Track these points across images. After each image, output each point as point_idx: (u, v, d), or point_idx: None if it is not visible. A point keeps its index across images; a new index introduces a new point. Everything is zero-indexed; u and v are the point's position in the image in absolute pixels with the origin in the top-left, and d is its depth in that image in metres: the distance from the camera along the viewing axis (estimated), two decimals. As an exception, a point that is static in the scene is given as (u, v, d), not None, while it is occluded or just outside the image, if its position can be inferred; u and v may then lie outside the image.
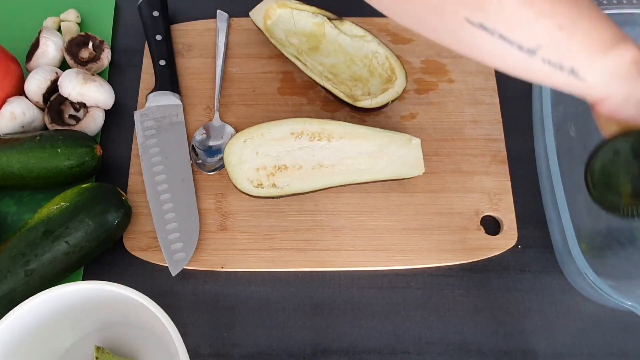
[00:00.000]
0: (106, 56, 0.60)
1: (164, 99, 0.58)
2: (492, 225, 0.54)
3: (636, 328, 0.50)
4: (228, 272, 0.52)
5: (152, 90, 0.58)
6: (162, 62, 0.59)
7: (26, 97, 0.55)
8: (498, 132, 0.57)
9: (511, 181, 0.55)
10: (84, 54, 0.60)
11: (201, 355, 0.49)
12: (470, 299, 0.51)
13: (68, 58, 0.58)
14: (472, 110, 0.58)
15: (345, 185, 0.52)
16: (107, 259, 0.52)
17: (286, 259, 0.51)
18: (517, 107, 0.58)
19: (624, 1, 0.53)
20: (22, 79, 0.57)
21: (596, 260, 0.44)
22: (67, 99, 0.56)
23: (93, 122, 0.56)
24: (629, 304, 0.42)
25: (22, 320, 0.41)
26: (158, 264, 0.51)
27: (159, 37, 0.60)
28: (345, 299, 0.51)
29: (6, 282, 0.45)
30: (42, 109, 0.56)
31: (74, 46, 0.59)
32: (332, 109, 0.59)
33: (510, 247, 0.52)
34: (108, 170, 0.56)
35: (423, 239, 0.52)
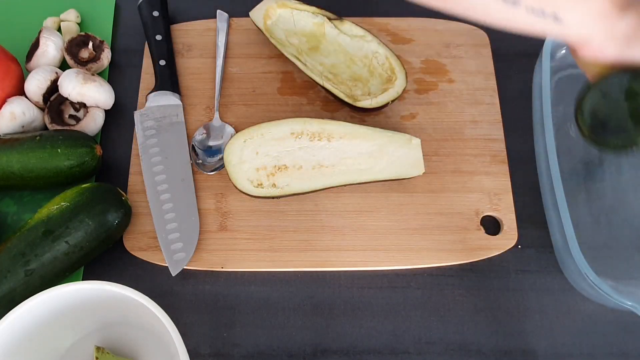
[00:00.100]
0: (106, 56, 0.60)
1: (164, 99, 0.58)
2: (492, 225, 0.54)
3: (636, 328, 0.50)
4: (228, 272, 0.52)
5: (152, 90, 0.58)
6: (162, 62, 0.59)
7: (26, 97, 0.55)
8: (498, 132, 0.57)
9: (511, 181, 0.55)
10: (84, 54, 0.60)
11: (201, 355, 0.49)
12: (470, 299, 0.51)
13: (68, 58, 0.58)
14: (472, 110, 0.58)
15: (345, 185, 0.52)
16: (107, 259, 0.52)
17: (286, 259, 0.51)
18: (517, 107, 0.58)
19: None
20: (22, 79, 0.57)
21: (596, 260, 0.44)
22: (67, 99, 0.56)
23: (93, 122, 0.56)
24: (629, 304, 0.42)
25: (22, 320, 0.41)
26: (158, 264, 0.51)
27: (159, 37, 0.60)
28: (345, 299, 0.51)
29: (6, 282, 0.45)
30: (42, 109, 0.56)
31: (74, 46, 0.59)
32: (332, 109, 0.59)
33: (510, 247, 0.52)
34: (108, 170, 0.56)
35: (423, 239, 0.52)
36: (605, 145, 0.41)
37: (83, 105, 0.57)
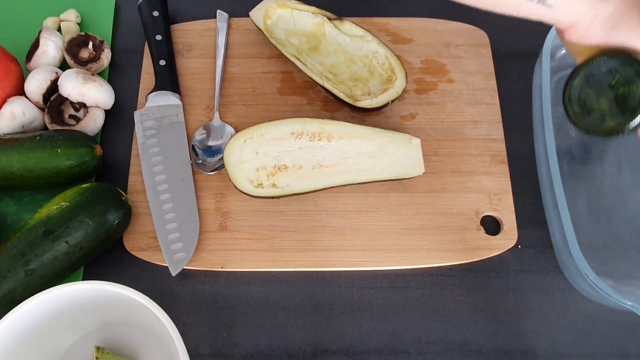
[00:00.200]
0: (106, 56, 0.60)
1: (164, 99, 0.58)
2: (492, 225, 0.54)
3: (636, 328, 0.50)
4: (228, 272, 0.52)
5: (152, 90, 0.58)
6: (162, 62, 0.59)
7: (26, 97, 0.55)
8: (498, 132, 0.57)
9: (511, 181, 0.55)
10: (84, 54, 0.60)
11: (201, 355, 0.49)
12: (470, 299, 0.51)
13: (68, 58, 0.58)
14: (472, 110, 0.58)
15: (345, 185, 0.52)
16: (107, 259, 0.52)
17: (286, 259, 0.51)
18: (517, 107, 0.58)
19: None
20: (22, 79, 0.57)
21: (596, 260, 0.44)
22: (67, 99, 0.56)
23: (93, 122, 0.56)
24: (629, 304, 0.42)
25: (22, 320, 0.41)
26: (158, 264, 0.51)
27: (159, 37, 0.60)
28: (345, 299, 0.51)
29: (6, 282, 0.45)
30: (42, 109, 0.56)
31: (74, 46, 0.59)
32: (332, 109, 0.59)
33: (510, 247, 0.52)
34: (108, 170, 0.56)
35: (423, 239, 0.52)
36: (590, 130, 0.41)
37: (83, 105, 0.57)
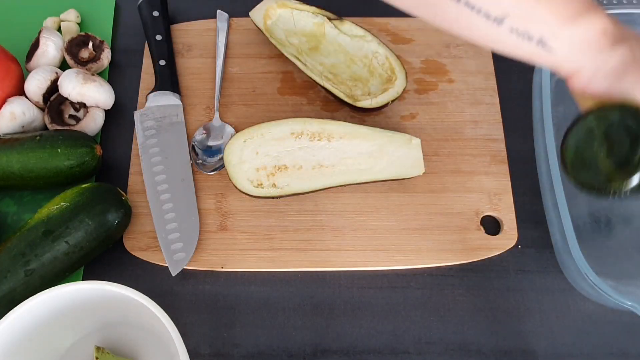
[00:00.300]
0: (106, 56, 0.60)
1: (164, 99, 0.58)
2: (492, 225, 0.54)
3: (636, 328, 0.50)
4: (228, 272, 0.52)
5: (152, 90, 0.58)
6: (162, 62, 0.59)
7: (26, 97, 0.55)
8: (498, 132, 0.57)
9: (511, 181, 0.55)
10: (84, 54, 0.60)
11: (201, 355, 0.49)
12: (470, 299, 0.51)
13: (68, 58, 0.58)
14: (472, 110, 0.58)
15: (345, 185, 0.52)
16: (107, 259, 0.52)
17: (286, 259, 0.51)
18: (517, 107, 0.58)
19: (624, 1, 0.53)
20: (22, 79, 0.57)
21: (596, 260, 0.44)
22: (67, 99, 0.56)
23: (93, 122, 0.56)
24: (629, 304, 0.42)
25: (22, 320, 0.41)
26: (158, 264, 0.51)
27: (159, 37, 0.60)
28: (345, 299, 0.51)
29: (6, 282, 0.45)
30: (42, 109, 0.56)
31: (74, 46, 0.59)
32: (332, 109, 0.59)
33: (510, 247, 0.52)
34: (108, 170, 0.56)
35: (423, 239, 0.52)
36: (586, 186, 0.37)
37: (83, 105, 0.57)
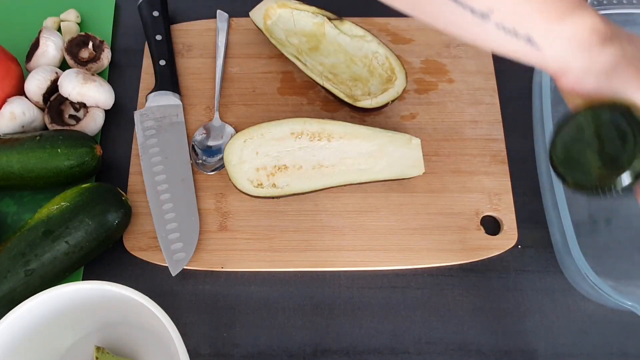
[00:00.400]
0: (106, 56, 0.60)
1: (164, 99, 0.58)
2: (492, 225, 0.54)
3: (636, 328, 0.50)
4: (228, 272, 0.52)
5: (152, 90, 0.58)
6: (162, 62, 0.59)
7: (26, 97, 0.55)
8: (498, 132, 0.57)
9: (511, 181, 0.55)
10: (84, 54, 0.60)
11: (201, 355, 0.49)
12: (470, 299, 0.51)
13: (68, 58, 0.58)
14: (472, 110, 0.58)
15: (345, 185, 0.52)
16: (107, 259, 0.52)
17: (286, 259, 0.51)
18: (517, 107, 0.58)
19: (624, 1, 0.53)
20: (22, 79, 0.57)
21: (596, 260, 0.44)
22: (67, 99, 0.56)
23: (93, 122, 0.56)
24: (629, 304, 0.42)
25: (22, 320, 0.41)
26: (158, 264, 0.51)
27: (159, 37, 0.60)
28: (345, 299, 0.51)
29: (6, 282, 0.45)
30: (42, 109, 0.56)
31: (74, 46, 0.59)
32: (332, 109, 0.59)
33: (510, 247, 0.52)
34: (108, 170, 0.56)
35: (423, 239, 0.52)
36: (576, 185, 0.37)
37: (83, 105, 0.57)
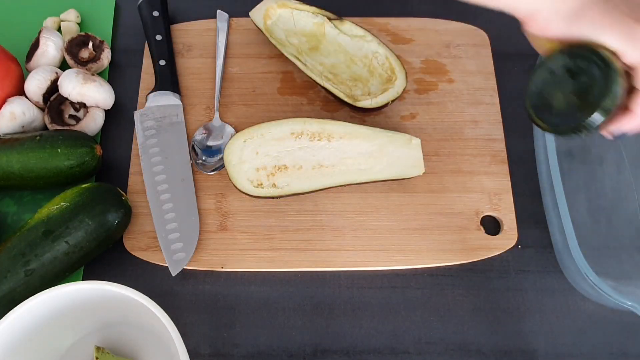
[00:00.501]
0: (106, 56, 0.60)
1: (164, 99, 0.58)
2: (492, 225, 0.54)
3: (636, 328, 0.50)
4: (228, 272, 0.52)
5: (152, 90, 0.58)
6: (162, 62, 0.59)
7: (26, 97, 0.55)
8: (498, 132, 0.57)
9: (511, 181, 0.55)
10: (84, 54, 0.60)
11: (201, 355, 0.49)
12: (470, 299, 0.51)
13: (68, 58, 0.58)
14: (472, 110, 0.58)
15: (345, 185, 0.52)
16: (107, 259, 0.52)
17: (286, 259, 0.51)
18: (517, 107, 0.58)
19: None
20: (22, 79, 0.57)
21: (596, 260, 0.44)
22: (67, 99, 0.56)
23: (93, 122, 0.56)
24: (629, 304, 0.42)
25: (22, 320, 0.41)
26: (158, 264, 0.51)
27: (159, 37, 0.60)
28: (345, 299, 0.51)
29: (6, 282, 0.45)
30: (42, 109, 0.56)
31: (74, 46, 0.59)
32: (332, 109, 0.59)
33: (510, 247, 0.52)
34: (108, 170, 0.56)
35: (423, 239, 0.52)
36: (551, 128, 0.38)
37: (83, 105, 0.57)
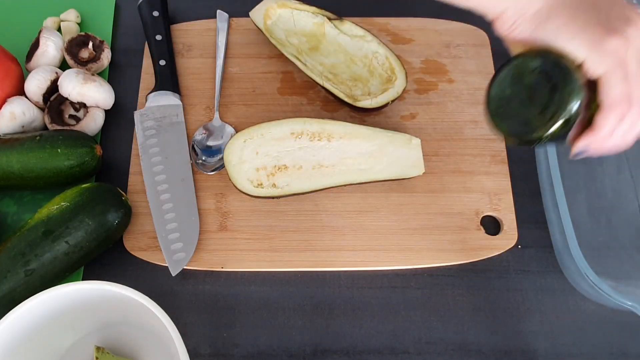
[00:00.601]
0: (106, 56, 0.60)
1: (164, 99, 0.58)
2: (492, 225, 0.54)
3: (636, 328, 0.50)
4: (228, 272, 0.52)
5: (152, 90, 0.58)
6: (162, 62, 0.59)
7: (26, 97, 0.55)
8: (498, 132, 0.57)
9: (511, 181, 0.55)
10: (84, 54, 0.60)
11: (201, 355, 0.49)
12: (470, 299, 0.51)
13: (68, 58, 0.58)
14: (472, 110, 0.58)
15: (345, 185, 0.52)
16: (107, 259, 0.52)
17: (286, 259, 0.51)
18: (517, 107, 0.58)
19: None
20: (22, 79, 0.57)
21: (596, 260, 0.44)
22: (67, 99, 0.56)
23: (93, 122, 0.56)
24: (629, 304, 0.42)
25: (22, 320, 0.41)
26: (158, 264, 0.51)
27: (159, 37, 0.60)
28: (345, 299, 0.51)
29: (6, 282, 0.45)
30: (42, 109, 0.56)
31: (74, 46, 0.59)
32: (332, 109, 0.59)
33: (510, 247, 0.52)
34: (108, 170, 0.56)
35: (423, 239, 0.52)
36: (507, 134, 0.36)
37: (83, 105, 0.57)
